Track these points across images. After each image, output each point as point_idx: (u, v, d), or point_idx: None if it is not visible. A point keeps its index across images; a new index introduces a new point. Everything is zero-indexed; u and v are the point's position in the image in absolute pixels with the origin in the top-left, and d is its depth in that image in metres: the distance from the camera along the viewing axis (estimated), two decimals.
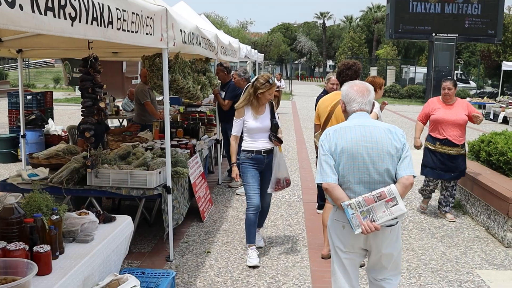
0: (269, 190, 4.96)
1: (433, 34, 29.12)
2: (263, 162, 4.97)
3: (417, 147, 6.64)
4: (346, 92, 3.21)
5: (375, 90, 4.98)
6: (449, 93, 6.29)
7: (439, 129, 6.38)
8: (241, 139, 5.10)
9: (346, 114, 3.22)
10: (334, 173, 3.02)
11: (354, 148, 3.00)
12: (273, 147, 4.98)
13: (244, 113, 4.97)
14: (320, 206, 6.32)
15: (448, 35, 29.02)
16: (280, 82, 20.01)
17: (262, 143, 4.95)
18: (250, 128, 4.95)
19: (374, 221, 2.91)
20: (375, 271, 3.23)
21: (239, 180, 5.07)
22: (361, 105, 3.15)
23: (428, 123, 6.73)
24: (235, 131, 5.01)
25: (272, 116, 5.03)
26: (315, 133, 5.06)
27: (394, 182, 3.00)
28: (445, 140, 6.31)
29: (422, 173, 6.51)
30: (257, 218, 4.97)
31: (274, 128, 4.97)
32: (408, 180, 2.96)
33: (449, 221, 6.45)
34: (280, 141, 4.94)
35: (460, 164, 6.36)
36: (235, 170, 5.05)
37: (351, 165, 3.00)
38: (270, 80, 4.89)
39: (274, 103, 5.13)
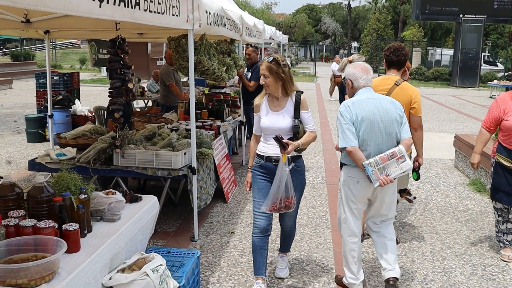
0: (262, 208, 3.72)
1: (461, 15, 28.35)
2: (274, 173, 3.70)
3: (475, 166, 4.89)
4: (353, 72, 3.83)
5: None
6: None
7: None
8: None
9: (354, 89, 3.83)
10: (355, 138, 3.63)
11: (372, 117, 3.63)
12: (291, 157, 3.76)
13: (260, 102, 3.94)
14: None
15: (476, 16, 28.22)
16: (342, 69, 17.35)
17: (275, 149, 3.71)
18: (261, 126, 3.88)
19: (388, 175, 3.60)
20: (375, 216, 3.92)
21: (249, 190, 4.04)
22: (366, 81, 3.80)
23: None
24: (254, 128, 4.06)
25: (295, 115, 3.78)
26: None
27: (397, 143, 3.70)
28: None
29: (494, 198, 4.78)
30: (265, 243, 3.89)
31: (293, 131, 3.76)
32: (410, 140, 3.79)
33: (503, 260, 4.77)
34: (283, 146, 3.54)
35: None
36: (248, 176, 4.04)
37: (370, 131, 3.63)
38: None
39: (301, 99, 3.83)
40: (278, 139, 3.53)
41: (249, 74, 7.75)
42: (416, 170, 4.65)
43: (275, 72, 3.68)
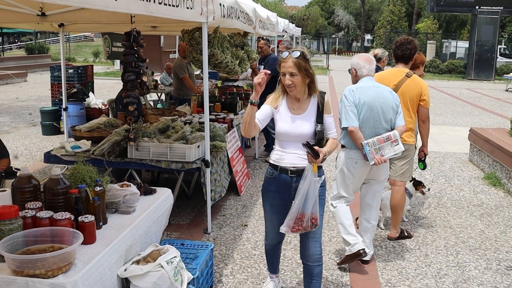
0: (282, 229, 3.24)
1: (477, 7, 27.95)
2: (290, 187, 3.28)
3: None
4: (357, 61, 4.20)
5: (417, 67, 4.98)
6: None
7: None
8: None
9: (357, 77, 4.20)
10: (357, 119, 4.01)
11: (372, 102, 4.02)
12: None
13: (278, 103, 3.33)
14: None
15: (492, 8, 27.81)
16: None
17: (293, 158, 3.26)
18: (278, 132, 3.31)
19: (383, 155, 3.97)
20: (368, 190, 4.35)
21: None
22: (369, 71, 4.16)
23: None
24: (256, 116, 3.22)
25: (318, 120, 3.28)
26: None
27: (392, 129, 4.06)
28: None
29: None
30: (279, 247, 3.74)
31: (316, 136, 3.26)
32: (404, 128, 4.14)
33: None
34: (316, 155, 3.10)
35: None
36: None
37: (370, 114, 4.02)
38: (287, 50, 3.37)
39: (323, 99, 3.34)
40: (309, 146, 3.10)
41: (261, 67, 7.74)
42: (422, 160, 5.07)
43: (304, 69, 3.16)
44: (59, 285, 2.30)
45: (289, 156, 3.29)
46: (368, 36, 67.39)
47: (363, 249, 4.10)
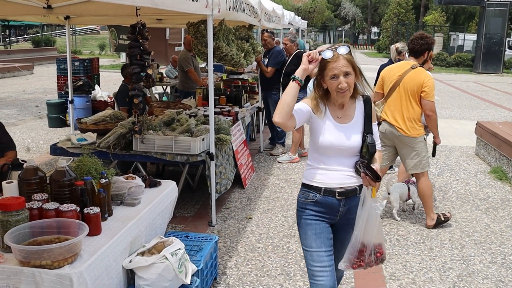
0: (341, 265, 2.77)
1: None
2: (337, 211, 2.79)
3: None
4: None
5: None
6: None
7: None
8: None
9: None
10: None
11: None
12: (360, 186, 2.78)
13: (320, 109, 2.73)
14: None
15: (501, 0, 27.61)
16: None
17: (340, 177, 2.75)
18: (321, 144, 2.72)
19: None
20: None
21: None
22: None
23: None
24: (297, 120, 2.66)
25: (367, 129, 2.77)
26: (375, 102, 5.02)
27: None
28: None
29: None
30: None
31: (367, 151, 2.73)
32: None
33: None
34: (376, 177, 2.65)
35: None
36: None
37: None
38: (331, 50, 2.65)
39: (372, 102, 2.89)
40: (368, 166, 2.66)
41: (266, 60, 7.72)
42: (433, 148, 5.22)
43: (357, 67, 2.66)
44: (65, 276, 2.33)
45: (335, 174, 2.75)
46: (374, 29, 67.01)
47: None
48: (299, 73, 2.58)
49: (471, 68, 29.23)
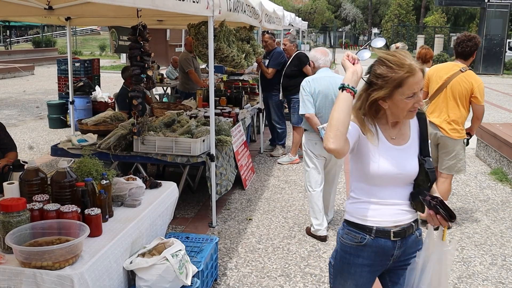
0: None
1: (486, 0, 27.70)
2: (390, 255, 2.27)
3: None
4: (314, 54, 4.78)
5: (427, 61, 5.07)
6: None
7: None
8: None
9: (315, 69, 4.75)
10: (313, 107, 4.58)
11: (326, 91, 4.56)
12: (415, 222, 2.32)
13: (369, 128, 2.19)
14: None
15: (502, 1, 27.54)
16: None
17: (394, 212, 2.25)
18: (374, 173, 2.20)
19: None
20: (328, 171, 4.87)
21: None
22: (324, 62, 4.74)
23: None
24: (350, 141, 2.10)
25: (424, 152, 2.28)
26: None
27: None
28: None
29: None
30: None
31: (426, 178, 2.24)
32: None
33: None
34: (451, 216, 2.12)
35: None
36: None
37: (324, 102, 4.57)
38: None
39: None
40: (444, 204, 2.13)
41: (266, 62, 7.74)
42: (467, 139, 5.17)
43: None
44: (66, 277, 2.34)
45: (389, 209, 2.23)
46: (375, 30, 67.00)
47: (325, 236, 4.75)
48: (348, 80, 2.04)
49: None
